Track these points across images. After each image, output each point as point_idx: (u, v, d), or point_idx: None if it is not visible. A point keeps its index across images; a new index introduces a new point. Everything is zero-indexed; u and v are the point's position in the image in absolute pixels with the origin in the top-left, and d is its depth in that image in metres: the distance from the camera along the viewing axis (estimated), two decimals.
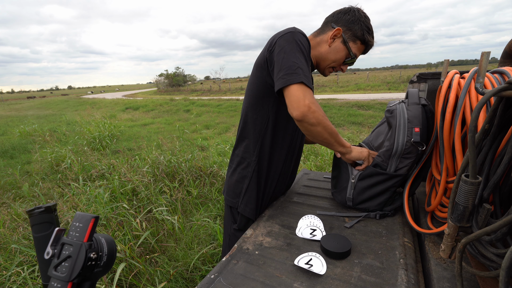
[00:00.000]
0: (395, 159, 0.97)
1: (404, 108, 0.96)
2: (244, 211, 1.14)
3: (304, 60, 0.94)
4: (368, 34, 1.04)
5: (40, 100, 37.50)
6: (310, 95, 0.92)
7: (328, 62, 1.08)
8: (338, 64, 1.09)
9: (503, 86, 0.55)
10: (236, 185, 1.16)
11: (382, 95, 13.69)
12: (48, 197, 3.38)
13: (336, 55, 1.06)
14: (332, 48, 1.06)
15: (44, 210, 0.44)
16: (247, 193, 1.13)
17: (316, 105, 0.93)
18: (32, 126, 8.95)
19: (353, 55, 1.06)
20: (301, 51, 0.94)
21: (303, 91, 0.91)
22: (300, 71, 0.92)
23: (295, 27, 1.00)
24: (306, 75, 0.92)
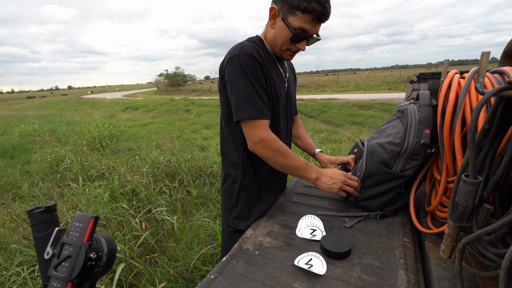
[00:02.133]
0: (403, 159, 0.96)
1: (415, 109, 0.96)
2: (237, 224, 1.12)
3: (251, 86, 0.92)
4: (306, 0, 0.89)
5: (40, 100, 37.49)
6: (260, 130, 0.94)
7: (278, 46, 1.01)
8: (288, 45, 0.99)
9: (503, 86, 0.55)
10: (226, 201, 1.15)
11: (382, 95, 13.69)
12: (48, 197, 3.38)
13: (281, 36, 0.97)
14: (276, 30, 0.98)
15: (44, 210, 0.44)
16: (237, 208, 1.12)
17: (267, 141, 0.94)
18: (32, 126, 8.95)
19: (294, 30, 0.93)
20: (247, 77, 0.92)
21: (252, 126, 0.94)
22: (245, 104, 0.92)
23: (242, 45, 0.96)
24: (253, 106, 0.92)
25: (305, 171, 1.01)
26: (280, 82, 1.07)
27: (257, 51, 0.97)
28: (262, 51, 1.01)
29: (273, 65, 1.06)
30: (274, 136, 0.97)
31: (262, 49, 1.03)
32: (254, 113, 0.92)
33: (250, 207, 1.12)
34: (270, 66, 1.03)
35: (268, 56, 1.04)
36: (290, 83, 1.16)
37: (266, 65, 0.99)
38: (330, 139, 5.65)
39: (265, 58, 1.01)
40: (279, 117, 1.09)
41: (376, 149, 1.02)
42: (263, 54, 1.00)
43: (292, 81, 1.21)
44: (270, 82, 1.01)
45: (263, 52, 1.02)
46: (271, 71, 1.02)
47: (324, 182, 1.01)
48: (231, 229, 1.15)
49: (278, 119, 1.09)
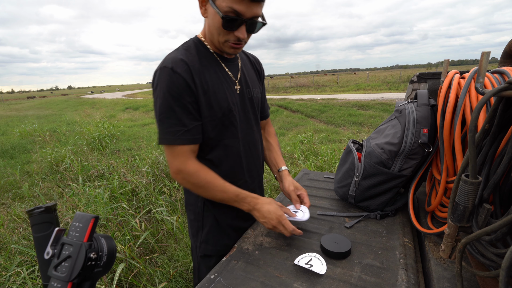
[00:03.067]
0: (401, 158, 0.97)
1: (413, 109, 0.96)
2: (205, 249, 1.01)
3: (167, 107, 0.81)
4: None
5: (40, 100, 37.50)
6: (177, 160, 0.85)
7: (216, 38, 0.84)
8: (225, 34, 0.82)
9: (503, 86, 0.55)
10: (191, 224, 1.04)
11: (382, 95, 13.69)
12: (47, 197, 3.38)
13: (214, 24, 0.81)
14: (209, 18, 0.83)
15: (44, 210, 0.44)
16: (203, 231, 1.01)
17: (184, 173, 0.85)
18: (32, 126, 8.95)
19: (223, 13, 0.76)
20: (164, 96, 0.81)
21: (169, 153, 0.86)
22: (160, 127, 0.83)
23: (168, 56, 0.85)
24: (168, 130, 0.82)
25: (234, 203, 0.90)
26: (228, 87, 0.92)
27: (185, 62, 0.83)
28: (197, 55, 0.87)
29: (215, 68, 0.90)
30: (193, 168, 0.86)
31: (200, 52, 0.89)
32: (168, 138, 0.83)
33: (219, 228, 1.00)
34: (210, 72, 0.88)
35: (208, 58, 0.90)
36: (245, 83, 0.99)
37: (201, 75, 0.85)
38: (330, 139, 5.65)
39: (202, 65, 0.87)
40: (235, 127, 0.94)
41: (374, 150, 1.02)
42: (195, 63, 0.85)
43: (252, 81, 1.03)
44: (209, 93, 0.86)
45: (199, 57, 0.87)
46: (210, 79, 0.87)
47: (256, 217, 0.90)
48: (200, 254, 1.03)
49: (234, 130, 0.94)
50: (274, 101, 13.58)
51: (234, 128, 0.94)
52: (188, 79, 0.82)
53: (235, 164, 0.97)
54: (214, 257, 1.01)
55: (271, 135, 1.21)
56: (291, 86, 26.56)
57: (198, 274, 1.08)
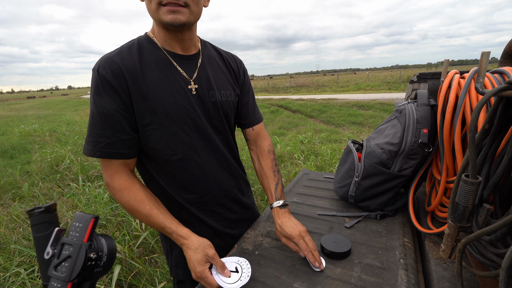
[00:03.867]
0: (401, 158, 0.97)
1: (413, 109, 0.96)
2: (176, 274, 0.92)
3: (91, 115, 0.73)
4: None
5: (40, 100, 37.49)
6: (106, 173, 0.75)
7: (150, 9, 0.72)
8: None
9: (503, 86, 0.55)
10: (162, 244, 0.95)
11: (382, 95, 13.69)
12: (47, 197, 3.38)
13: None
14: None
15: (44, 210, 0.44)
16: (173, 253, 0.92)
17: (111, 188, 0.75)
18: (32, 126, 8.95)
19: None
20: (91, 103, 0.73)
21: (101, 164, 0.77)
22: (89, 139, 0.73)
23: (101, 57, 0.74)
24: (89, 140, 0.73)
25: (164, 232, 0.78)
26: (178, 88, 0.78)
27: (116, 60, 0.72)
28: (138, 54, 0.76)
29: (163, 68, 0.78)
30: (118, 185, 0.75)
31: (143, 50, 0.77)
32: (88, 148, 0.73)
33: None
34: (153, 71, 0.76)
35: (155, 57, 0.77)
36: (206, 85, 0.84)
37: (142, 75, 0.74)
38: (330, 139, 5.65)
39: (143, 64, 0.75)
40: (189, 136, 0.81)
41: (374, 150, 1.02)
42: (135, 61, 0.74)
43: (219, 82, 0.87)
44: (151, 96, 0.74)
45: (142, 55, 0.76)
46: (156, 80, 0.76)
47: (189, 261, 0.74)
48: (174, 279, 0.96)
49: (188, 139, 0.81)
50: (274, 101, 13.59)
51: (188, 138, 0.81)
52: (115, 83, 0.71)
53: (196, 177, 0.84)
54: (188, 282, 0.92)
55: (263, 155, 0.98)
56: (291, 86, 26.56)
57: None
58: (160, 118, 0.76)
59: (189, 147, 0.82)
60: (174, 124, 0.78)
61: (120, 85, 0.71)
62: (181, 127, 0.79)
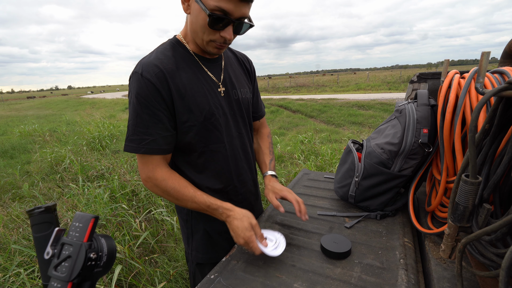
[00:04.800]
0: (401, 158, 0.97)
1: (413, 109, 0.96)
2: (196, 258, 0.99)
3: (135, 115, 0.79)
4: None
5: (40, 100, 37.50)
6: (146, 167, 0.82)
7: (200, 36, 0.79)
8: (210, 34, 0.77)
9: (503, 86, 0.55)
10: (182, 230, 1.02)
11: (382, 95, 13.69)
12: (47, 198, 3.38)
13: (198, 22, 0.76)
14: (192, 15, 0.77)
15: (44, 210, 0.44)
16: (194, 238, 0.99)
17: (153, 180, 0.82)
18: (32, 126, 8.95)
19: (210, 11, 0.71)
20: (133, 103, 0.79)
21: (139, 161, 0.84)
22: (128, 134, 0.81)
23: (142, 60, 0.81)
24: (134, 138, 0.79)
25: (208, 213, 0.87)
26: (210, 89, 0.87)
27: (156, 66, 0.79)
28: (174, 58, 0.83)
29: (195, 70, 0.86)
30: (161, 176, 0.83)
31: (177, 54, 0.85)
32: (132, 146, 0.80)
33: (209, 236, 0.98)
34: (189, 75, 0.84)
35: (187, 60, 0.85)
36: (230, 85, 0.94)
37: (177, 78, 0.81)
38: (330, 139, 5.65)
39: (179, 67, 0.82)
40: (219, 132, 0.89)
41: (374, 150, 1.02)
42: (171, 66, 0.81)
43: (239, 81, 0.97)
44: (187, 97, 0.82)
45: (176, 59, 0.83)
46: (189, 83, 0.83)
47: (230, 229, 0.84)
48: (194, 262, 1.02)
49: (218, 134, 0.89)
50: (274, 101, 13.59)
51: (218, 133, 0.89)
52: (159, 85, 0.78)
53: (223, 169, 0.93)
54: (208, 265, 0.98)
55: (263, 138, 1.15)
56: (291, 86, 26.57)
57: (194, 280, 1.06)
58: (196, 116, 0.84)
59: (218, 140, 0.90)
60: (207, 121, 0.86)
61: (163, 87, 0.79)
62: (212, 123, 0.88)
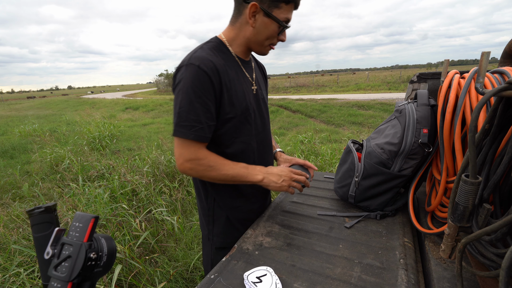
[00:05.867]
0: (401, 158, 0.97)
1: (413, 109, 0.96)
2: (218, 242, 1.07)
3: (188, 102, 0.85)
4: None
5: (40, 100, 37.50)
6: (188, 151, 0.88)
7: (262, 43, 0.94)
8: (272, 38, 0.94)
9: (503, 86, 0.55)
10: (204, 216, 1.09)
11: (382, 95, 13.69)
12: (47, 197, 3.38)
13: (266, 33, 0.91)
14: (257, 28, 0.90)
15: (44, 210, 0.44)
16: (215, 224, 1.06)
17: (195, 160, 0.88)
18: (32, 126, 8.95)
19: (283, 23, 0.89)
20: (187, 92, 0.85)
21: (181, 146, 0.88)
22: (177, 120, 0.86)
23: (193, 53, 0.88)
24: (184, 124, 0.85)
25: (248, 176, 0.93)
26: (246, 87, 0.98)
27: (210, 60, 0.87)
28: (220, 56, 0.92)
29: (237, 69, 0.96)
30: (203, 154, 0.90)
31: (223, 53, 0.94)
32: (183, 131, 0.85)
33: (230, 223, 1.05)
34: (232, 73, 0.93)
35: (230, 60, 0.95)
36: (258, 85, 1.06)
37: (225, 74, 0.90)
38: (330, 139, 5.65)
39: (225, 65, 0.92)
40: (250, 125, 0.99)
41: (374, 150, 1.02)
42: (220, 62, 0.90)
43: (261, 83, 1.10)
44: (231, 92, 0.92)
45: (223, 58, 0.93)
46: (233, 79, 0.93)
47: (273, 182, 0.94)
48: (215, 246, 1.08)
49: (249, 128, 0.99)
50: (274, 101, 13.59)
51: (249, 126, 0.99)
52: (213, 79, 0.86)
53: (249, 160, 1.00)
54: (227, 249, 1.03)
55: None
56: (291, 86, 26.56)
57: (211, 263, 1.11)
58: (236, 110, 0.93)
59: (249, 133, 0.99)
60: (242, 115, 0.95)
61: (216, 80, 0.87)
62: (246, 118, 0.97)
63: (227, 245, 1.04)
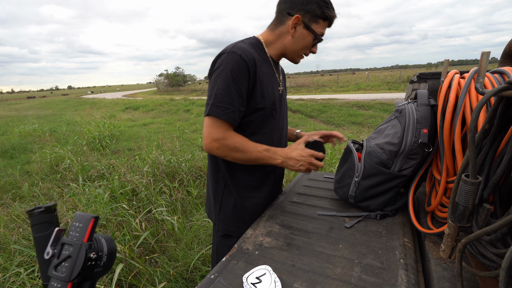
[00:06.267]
0: (401, 158, 0.97)
1: (413, 109, 0.96)
2: (223, 229, 1.11)
3: (225, 86, 0.91)
4: (327, 8, 0.98)
5: (40, 100, 37.50)
6: (217, 130, 0.93)
7: (297, 52, 1.05)
8: (306, 49, 1.05)
9: (503, 86, 0.55)
10: (214, 202, 1.13)
11: (382, 95, 13.69)
12: (48, 197, 3.38)
13: (303, 43, 1.02)
14: (296, 38, 1.01)
15: (44, 210, 0.44)
16: (222, 210, 1.10)
17: (221, 140, 0.93)
18: (32, 126, 8.95)
19: (319, 36, 1.01)
20: (226, 76, 0.91)
21: (211, 125, 0.93)
22: (212, 101, 0.91)
23: (235, 44, 0.96)
24: (220, 105, 0.91)
25: (268, 159, 0.99)
26: (275, 85, 1.07)
27: (251, 52, 0.95)
28: (258, 53, 1.01)
29: (270, 68, 1.06)
30: (230, 134, 0.95)
31: (260, 51, 1.03)
32: (218, 111, 0.91)
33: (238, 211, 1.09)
34: (265, 69, 1.02)
35: (265, 59, 1.04)
36: (283, 86, 1.17)
37: (260, 68, 0.98)
38: None
39: (261, 61, 1.00)
40: (274, 119, 1.08)
41: (374, 150, 1.02)
42: (257, 57, 0.98)
43: (284, 86, 1.21)
44: (263, 85, 1.00)
45: (259, 55, 1.01)
46: (266, 74, 1.01)
47: (290, 165, 0.99)
48: (220, 234, 1.13)
49: (273, 121, 1.08)
50: None
51: (273, 120, 1.07)
52: (251, 69, 0.93)
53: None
54: (232, 237, 1.10)
55: None
56: (291, 86, 26.56)
57: (217, 254, 1.16)
58: (265, 102, 1.01)
59: (271, 127, 1.08)
60: (269, 108, 1.04)
61: (252, 71, 0.94)
62: (272, 112, 1.06)
63: (231, 232, 1.10)
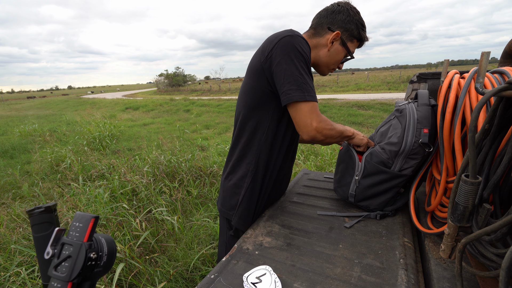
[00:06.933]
0: (401, 158, 0.97)
1: (414, 108, 0.96)
2: (238, 224, 1.10)
3: (307, 69, 0.91)
4: (363, 31, 1.03)
5: (40, 100, 37.51)
6: (316, 114, 0.91)
7: (328, 65, 1.07)
8: (336, 64, 1.09)
9: (503, 86, 0.55)
10: (232, 196, 1.11)
11: (382, 95, 13.69)
12: (48, 197, 3.38)
13: (336, 58, 1.06)
14: (331, 52, 1.04)
15: (44, 210, 0.44)
16: (241, 205, 1.08)
17: (322, 122, 0.92)
18: (32, 126, 8.95)
19: (352, 54, 1.06)
20: (303, 60, 0.90)
21: (309, 110, 0.90)
22: (304, 86, 0.89)
23: (292, 29, 0.95)
24: (309, 89, 0.90)
25: (345, 131, 1.04)
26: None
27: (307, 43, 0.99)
28: None
29: None
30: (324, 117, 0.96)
31: None
32: (313, 95, 0.91)
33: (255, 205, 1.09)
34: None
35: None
36: None
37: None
38: None
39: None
40: None
41: (374, 149, 1.02)
42: None
43: None
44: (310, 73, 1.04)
45: None
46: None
47: (359, 139, 1.08)
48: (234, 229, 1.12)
49: None
50: None
51: None
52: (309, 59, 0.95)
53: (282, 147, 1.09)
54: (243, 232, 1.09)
55: None
56: None
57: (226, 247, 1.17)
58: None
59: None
60: None
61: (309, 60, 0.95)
62: None
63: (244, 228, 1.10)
